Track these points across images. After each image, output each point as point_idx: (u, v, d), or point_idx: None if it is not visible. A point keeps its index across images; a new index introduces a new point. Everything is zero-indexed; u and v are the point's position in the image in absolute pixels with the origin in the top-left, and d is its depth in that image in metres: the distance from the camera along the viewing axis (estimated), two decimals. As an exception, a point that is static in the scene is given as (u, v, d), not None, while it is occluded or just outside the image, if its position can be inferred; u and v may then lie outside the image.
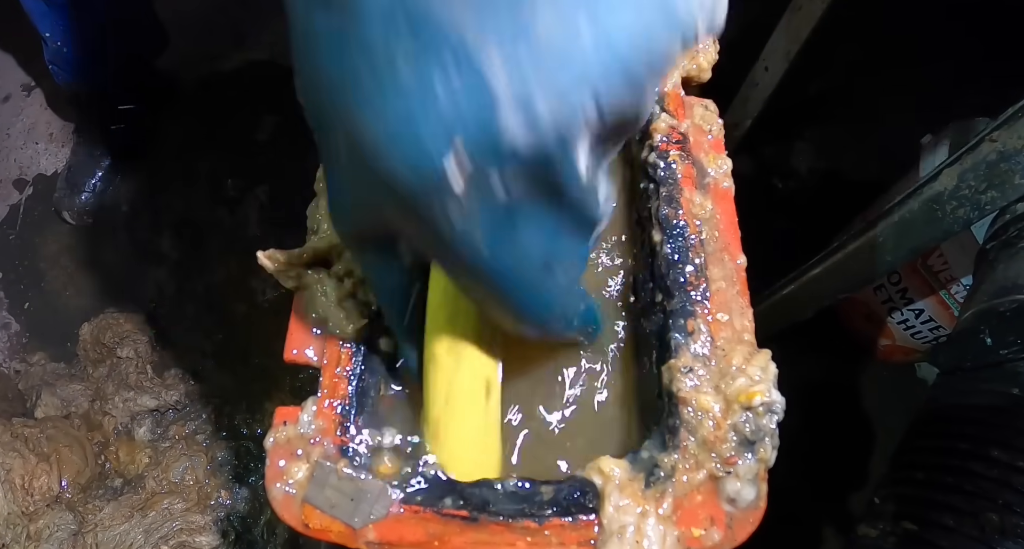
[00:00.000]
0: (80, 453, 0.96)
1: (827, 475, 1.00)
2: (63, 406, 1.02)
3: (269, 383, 1.07)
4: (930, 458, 0.53)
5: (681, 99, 0.41)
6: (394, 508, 0.31)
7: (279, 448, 0.32)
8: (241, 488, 0.97)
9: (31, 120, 1.32)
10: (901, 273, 0.94)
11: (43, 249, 1.22)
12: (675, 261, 0.35)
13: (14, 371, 1.10)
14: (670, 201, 0.37)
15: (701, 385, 0.32)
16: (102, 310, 1.14)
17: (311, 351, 0.35)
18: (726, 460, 0.30)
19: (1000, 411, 0.51)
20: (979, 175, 0.55)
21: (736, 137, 1.05)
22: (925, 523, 0.50)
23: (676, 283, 0.35)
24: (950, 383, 0.58)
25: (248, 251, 1.24)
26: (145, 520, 0.90)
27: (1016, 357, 0.53)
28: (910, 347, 1.02)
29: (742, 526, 0.30)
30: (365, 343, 0.35)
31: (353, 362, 0.34)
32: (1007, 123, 0.52)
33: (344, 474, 0.31)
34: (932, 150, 0.88)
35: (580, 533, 0.30)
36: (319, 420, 0.33)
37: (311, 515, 0.31)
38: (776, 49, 0.93)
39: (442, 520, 0.30)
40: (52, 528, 0.88)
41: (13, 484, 0.89)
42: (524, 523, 0.30)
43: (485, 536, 0.30)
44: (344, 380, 0.34)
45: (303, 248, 0.37)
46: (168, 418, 1.04)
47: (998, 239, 0.64)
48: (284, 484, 0.32)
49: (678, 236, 0.36)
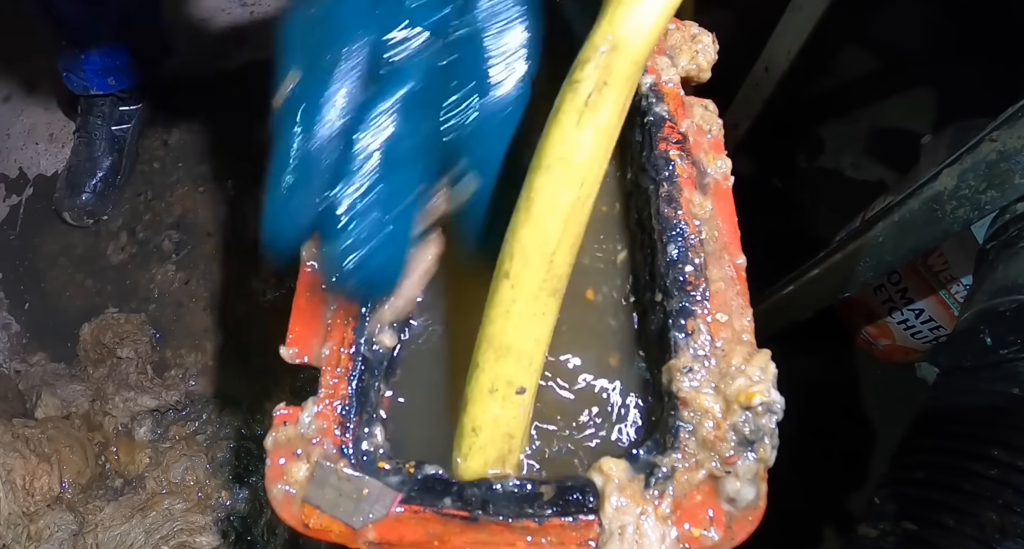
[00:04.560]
0: (80, 453, 0.96)
1: (827, 475, 1.00)
2: (63, 406, 1.02)
3: (269, 383, 1.07)
4: (930, 458, 0.53)
5: (681, 99, 0.41)
6: (394, 508, 0.31)
7: (279, 448, 0.32)
8: (241, 488, 0.97)
9: (31, 120, 1.32)
10: (901, 273, 0.94)
11: (43, 249, 1.22)
12: (675, 261, 0.35)
13: (14, 371, 1.10)
14: (670, 201, 0.37)
15: (701, 385, 0.32)
16: (102, 310, 1.14)
17: (311, 351, 0.36)
18: (726, 460, 0.30)
19: (1000, 411, 0.51)
20: (979, 175, 0.55)
21: (736, 137, 1.05)
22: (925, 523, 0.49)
23: (676, 283, 0.35)
24: (950, 383, 0.58)
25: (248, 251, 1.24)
26: (145, 520, 0.90)
27: (1016, 357, 0.53)
28: (910, 347, 1.02)
29: (742, 526, 0.30)
30: (366, 343, 0.35)
31: (353, 362, 0.34)
32: (1007, 123, 0.52)
33: (344, 474, 0.31)
34: (932, 150, 0.88)
35: (580, 533, 0.30)
36: (319, 420, 0.33)
37: (311, 515, 0.31)
38: (776, 49, 0.93)
39: (442, 520, 0.30)
40: (52, 528, 0.88)
41: (14, 484, 0.89)
42: (524, 523, 0.30)
43: (485, 536, 0.30)
44: (344, 380, 0.34)
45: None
46: (168, 418, 1.04)
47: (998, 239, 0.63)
48: (284, 484, 0.32)
49: (678, 236, 0.36)
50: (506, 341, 0.30)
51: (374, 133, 0.28)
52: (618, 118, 0.29)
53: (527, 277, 0.29)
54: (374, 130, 0.28)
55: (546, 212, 0.29)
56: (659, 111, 0.40)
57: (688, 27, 0.44)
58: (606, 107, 0.29)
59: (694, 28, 0.43)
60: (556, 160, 0.29)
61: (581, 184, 0.29)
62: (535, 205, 0.29)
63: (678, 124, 0.40)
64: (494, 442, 0.31)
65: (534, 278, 0.30)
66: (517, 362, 0.30)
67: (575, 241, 0.30)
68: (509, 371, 0.30)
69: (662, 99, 0.40)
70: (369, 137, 0.28)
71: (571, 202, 0.29)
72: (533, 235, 0.29)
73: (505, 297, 0.30)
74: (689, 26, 0.44)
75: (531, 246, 0.29)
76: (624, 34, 0.28)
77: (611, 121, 0.29)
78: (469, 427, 0.31)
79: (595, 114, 0.28)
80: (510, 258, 0.30)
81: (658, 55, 0.42)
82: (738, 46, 0.93)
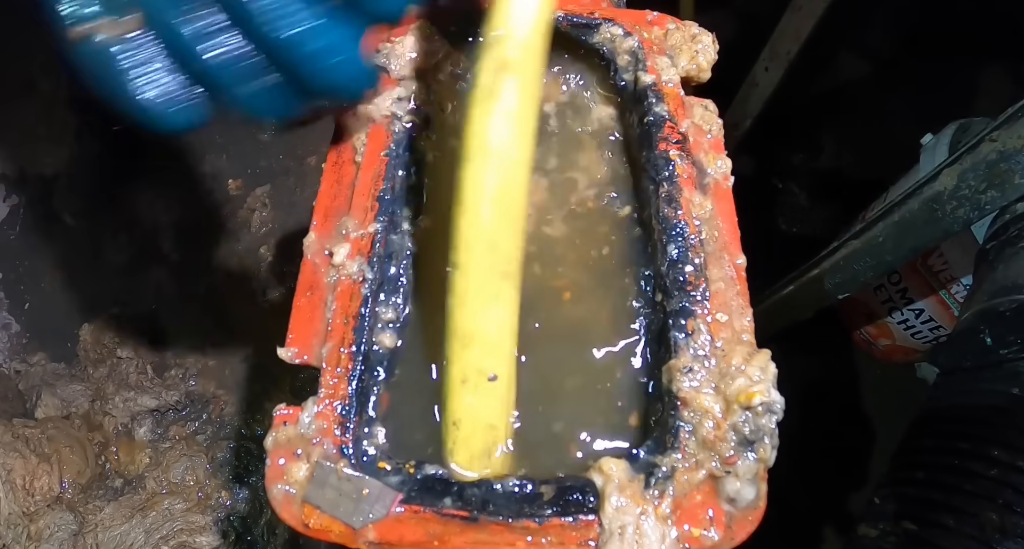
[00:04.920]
0: (80, 453, 0.96)
1: (827, 475, 1.00)
2: (63, 406, 1.02)
3: (269, 383, 1.07)
4: (930, 458, 0.53)
5: (681, 99, 0.41)
6: (394, 508, 0.31)
7: (279, 448, 0.32)
8: (241, 488, 0.97)
9: (31, 120, 1.32)
10: (901, 273, 0.94)
11: (43, 249, 1.21)
12: (675, 261, 0.35)
13: (14, 371, 1.10)
14: (670, 201, 0.37)
15: (701, 385, 0.32)
16: (102, 310, 1.14)
17: (311, 351, 0.36)
18: (726, 460, 0.30)
19: (1000, 411, 0.51)
20: (979, 175, 0.55)
21: (736, 137, 1.05)
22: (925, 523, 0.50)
23: (676, 283, 0.35)
24: (950, 383, 0.58)
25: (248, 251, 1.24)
26: (145, 520, 0.90)
27: (1016, 357, 0.53)
28: (910, 347, 1.03)
29: (742, 526, 0.30)
30: (366, 343, 0.35)
31: (353, 362, 0.34)
32: (1007, 123, 0.52)
33: (344, 474, 0.31)
34: (932, 150, 0.88)
35: (580, 533, 0.30)
36: (319, 420, 0.33)
37: (311, 515, 0.31)
38: (776, 49, 0.93)
39: (442, 520, 0.30)
40: (52, 528, 0.88)
41: (14, 484, 0.89)
42: (524, 523, 0.30)
43: (485, 536, 0.30)
44: (344, 380, 0.34)
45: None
46: (168, 418, 1.04)
47: (998, 239, 0.63)
48: (284, 484, 0.32)
49: (678, 236, 0.36)
50: (468, 329, 0.31)
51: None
52: (528, 102, 0.31)
53: (473, 264, 0.31)
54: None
55: (476, 199, 0.30)
56: (659, 111, 0.40)
57: (688, 27, 0.44)
58: (507, 92, 0.30)
59: (694, 28, 0.43)
60: (475, 150, 0.30)
61: (504, 168, 0.31)
62: (466, 195, 0.31)
63: (678, 124, 0.40)
64: (476, 434, 0.32)
65: (480, 263, 0.31)
66: (482, 349, 0.31)
67: (515, 224, 0.31)
68: (476, 359, 0.31)
69: (662, 99, 0.40)
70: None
71: (497, 186, 0.30)
72: (470, 223, 0.31)
73: (459, 287, 0.31)
74: (689, 26, 0.44)
75: (470, 234, 0.31)
76: (509, 25, 0.30)
77: (519, 106, 0.31)
78: (450, 422, 0.32)
79: (498, 100, 0.30)
80: (456, 250, 0.31)
81: (658, 55, 0.42)
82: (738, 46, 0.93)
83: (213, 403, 1.05)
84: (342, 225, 0.38)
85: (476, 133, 0.30)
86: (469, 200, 0.31)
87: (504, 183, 0.31)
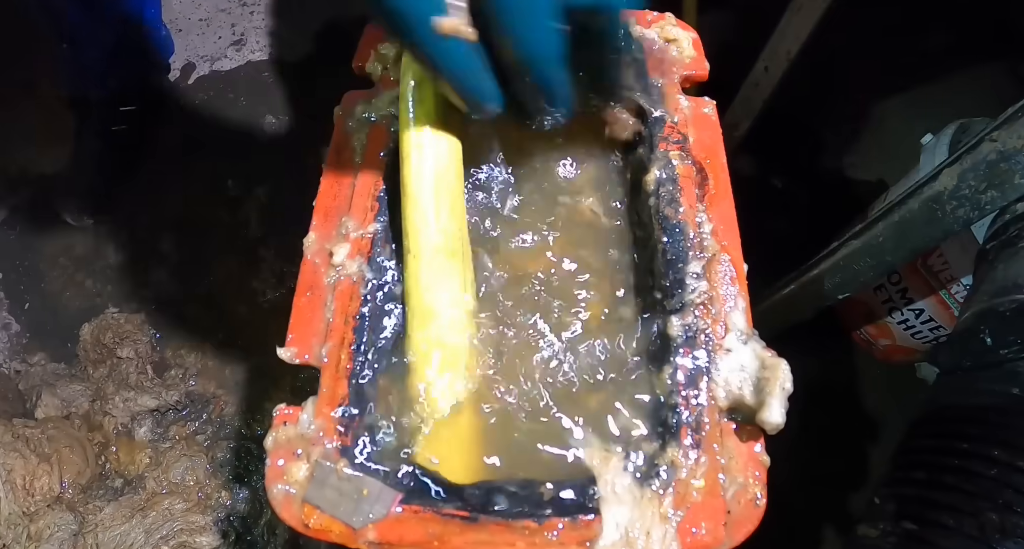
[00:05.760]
0: (80, 453, 0.96)
1: (827, 475, 1.00)
2: (63, 406, 1.02)
3: (269, 383, 1.07)
4: (930, 458, 0.53)
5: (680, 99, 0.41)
6: (394, 508, 0.31)
7: (279, 448, 0.32)
8: (241, 488, 0.97)
9: (31, 120, 1.32)
10: (901, 273, 0.94)
11: (43, 249, 1.21)
12: (675, 261, 0.35)
13: (14, 371, 1.10)
14: (670, 201, 0.37)
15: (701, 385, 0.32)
16: (102, 310, 1.14)
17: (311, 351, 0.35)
18: (726, 460, 0.30)
19: (1000, 411, 0.51)
20: (979, 175, 0.55)
21: (736, 137, 1.05)
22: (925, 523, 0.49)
23: (676, 283, 0.35)
24: (950, 383, 0.58)
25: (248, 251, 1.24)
26: (145, 520, 0.90)
27: (1016, 357, 0.53)
28: (910, 347, 1.02)
29: (742, 526, 0.30)
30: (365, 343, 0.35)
31: (353, 362, 0.34)
32: (1007, 123, 0.52)
33: (344, 474, 0.31)
34: (932, 150, 0.88)
35: (580, 533, 0.30)
36: (319, 420, 0.33)
37: (311, 515, 0.31)
38: (776, 49, 0.93)
39: (442, 520, 0.30)
40: (53, 528, 0.88)
41: (14, 484, 0.89)
42: (524, 523, 0.30)
43: (485, 536, 0.30)
44: (344, 380, 0.34)
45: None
46: (168, 418, 1.04)
47: (998, 239, 0.63)
48: (284, 484, 0.32)
49: (678, 236, 0.36)
50: (423, 307, 0.35)
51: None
52: (431, 101, 0.36)
53: (421, 244, 0.35)
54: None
55: (417, 188, 0.35)
56: (659, 111, 0.40)
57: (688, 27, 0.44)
58: (424, 95, 0.36)
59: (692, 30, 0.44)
60: (413, 148, 0.35)
61: (436, 158, 0.35)
62: (409, 186, 0.35)
63: (678, 124, 0.40)
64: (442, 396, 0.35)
65: (427, 243, 0.35)
66: (438, 323, 0.35)
67: (452, 206, 0.36)
68: (434, 333, 0.35)
69: (663, 99, 0.40)
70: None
71: (435, 173, 0.35)
72: (413, 209, 0.35)
73: (412, 268, 0.35)
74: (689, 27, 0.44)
75: (416, 218, 0.35)
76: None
77: (428, 107, 0.36)
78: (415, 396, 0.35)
79: (418, 103, 0.36)
80: (406, 236, 0.35)
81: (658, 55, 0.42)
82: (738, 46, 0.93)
83: (213, 403, 1.05)
84: (342, 225, 0.38)
85: (410, 136, 0.35)
86: (412, 189, 0.35)
87: (439, 170, 0.35)
